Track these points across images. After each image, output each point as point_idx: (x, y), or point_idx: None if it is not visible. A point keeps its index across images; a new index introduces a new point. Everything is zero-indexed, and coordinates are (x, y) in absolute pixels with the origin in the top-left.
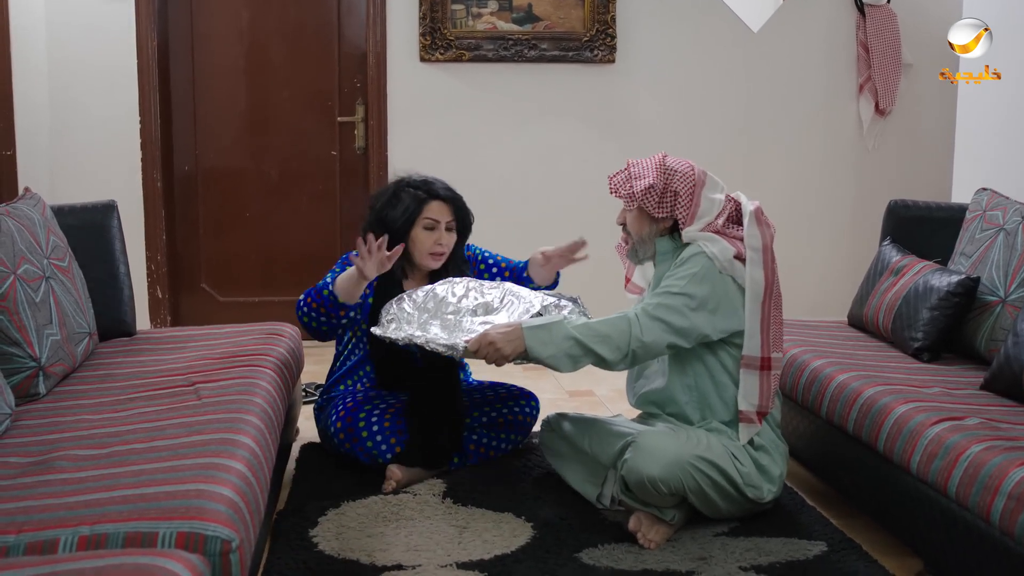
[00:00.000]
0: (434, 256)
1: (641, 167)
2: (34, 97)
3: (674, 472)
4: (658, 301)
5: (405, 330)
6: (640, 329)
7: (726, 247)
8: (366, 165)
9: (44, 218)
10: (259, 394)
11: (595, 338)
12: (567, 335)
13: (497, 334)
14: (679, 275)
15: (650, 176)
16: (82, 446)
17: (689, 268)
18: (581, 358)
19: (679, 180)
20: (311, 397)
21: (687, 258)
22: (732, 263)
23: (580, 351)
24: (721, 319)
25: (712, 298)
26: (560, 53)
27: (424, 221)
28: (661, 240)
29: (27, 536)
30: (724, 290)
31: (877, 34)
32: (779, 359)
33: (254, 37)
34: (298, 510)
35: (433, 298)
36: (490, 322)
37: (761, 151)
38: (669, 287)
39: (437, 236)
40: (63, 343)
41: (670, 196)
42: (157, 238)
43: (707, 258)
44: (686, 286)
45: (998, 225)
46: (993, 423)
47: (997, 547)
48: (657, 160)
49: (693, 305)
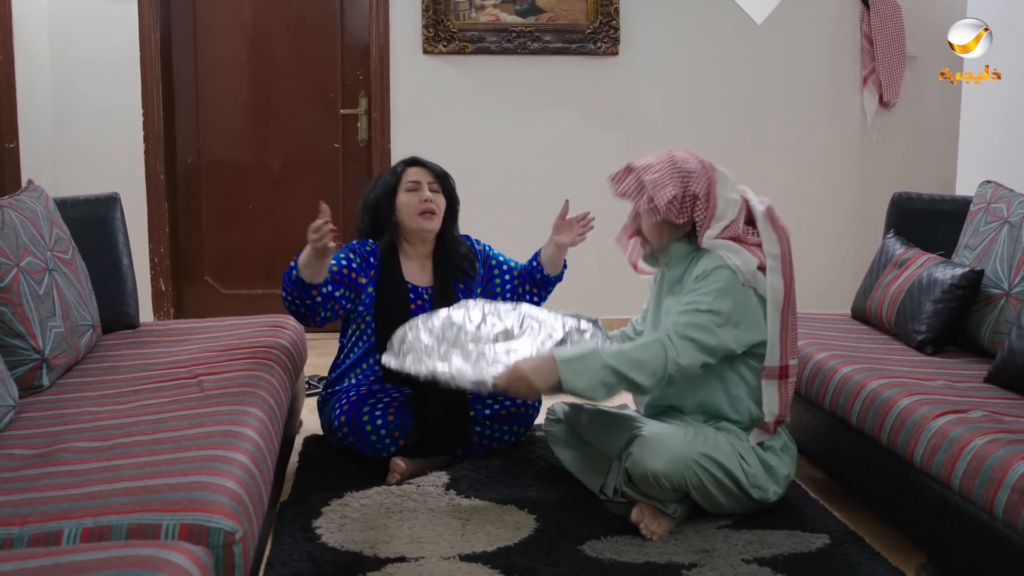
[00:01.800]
0: (424, 216)
1: (654, 172)
2: (37, 89)
3: (678, 468)
4: (687, 320)
5: (426, 364)
6: (676, 351)
7: (749, 259)
8: (369, 158)
9: (47, 210)
10: (262, 386)
11: (631, 365)
12: (602, 364)
13: (529, 368)
14: (704, 290)
15: (669, 185)
16: (85, 438)
17: (714, 283)
18: (616, 386)
19: (695, 182)
20: (314, 390)
21: (710, 271)
22: (755, 275)
23: (616, 379)
24: (745, 332)
25: (736, 312)
26: (563, 45)
27: (405, 184)
28: (677, 245)
29: (31, 528)
30: (747, 303)
31: (881, 26)
32: (795, 365)
33: (257, 29)
34: (301, 502)
35: (450, 326)
36: (513, 350)
37: (765, 143)
38: (696, 304)
39: (421, 195)
40: (66, 335)
41: (689, 200)
42: (160, 230)
43: (731, 271)
44: (712, 302)
45: (1002, 218)
46: (997, 416)
47: (1000, 540)
48: (667, 161)
49: (720, 322)
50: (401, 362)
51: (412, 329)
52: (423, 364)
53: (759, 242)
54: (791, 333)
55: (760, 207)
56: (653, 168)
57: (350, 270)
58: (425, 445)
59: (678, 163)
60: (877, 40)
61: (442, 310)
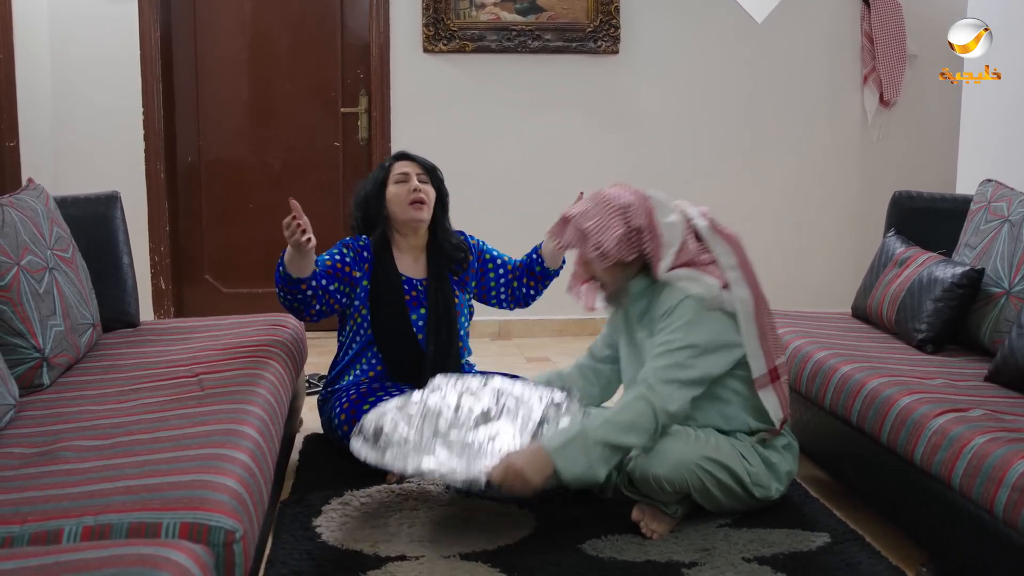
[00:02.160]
0: (414, 205)
1: (592, 218)
2: (37, 88)
3: (680, 473)
4: (664, 363)
5: (411, 461)
6: (661, 400)
7: (710, 283)
8: (369, 156)
9: (47, 209)
10: (262, 385)
11: (621, 432)
12: (594, 442)
13: (522, 463)
14: (672, 327)
15: (611, 226)
16: (86, 437)
17: (680, 317)
18: (613, 457)
19: (635, 215)
20: (314, 388)
21: (674, 306)
22: (719, 296)
23: (611, 452)
24: (723, 355)
25: (710, 339)
26: (564, 44)
27: (394, 177)
28: (634, 282)
29: (31, 526)
30: (718, 326)
31: (882, 25)
32: (784, 363)
33: (257, 28)
34: (301, 501)
35: (427, 415)
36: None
37: (765, 142)
38: (668, 343)
39: (410, 185)
40: (67, 334)
41: (634, 235)
42: (160, 229)
43: (694, 301)
44: (684, 337)
45: (1003, 216)
46: (997, 415)
47: (1001, 538)
48: (601, 203)
49: (696, 353)
50: (379, 456)
51: (388, 419)
52: (408, 461)
53: (713, 258)
54: (770, 334)
55: (702, 221)
56: (590, 214)
57: (343, 263)
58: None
59: (612, 201)
60: (878, 39)
61: (415, 394)
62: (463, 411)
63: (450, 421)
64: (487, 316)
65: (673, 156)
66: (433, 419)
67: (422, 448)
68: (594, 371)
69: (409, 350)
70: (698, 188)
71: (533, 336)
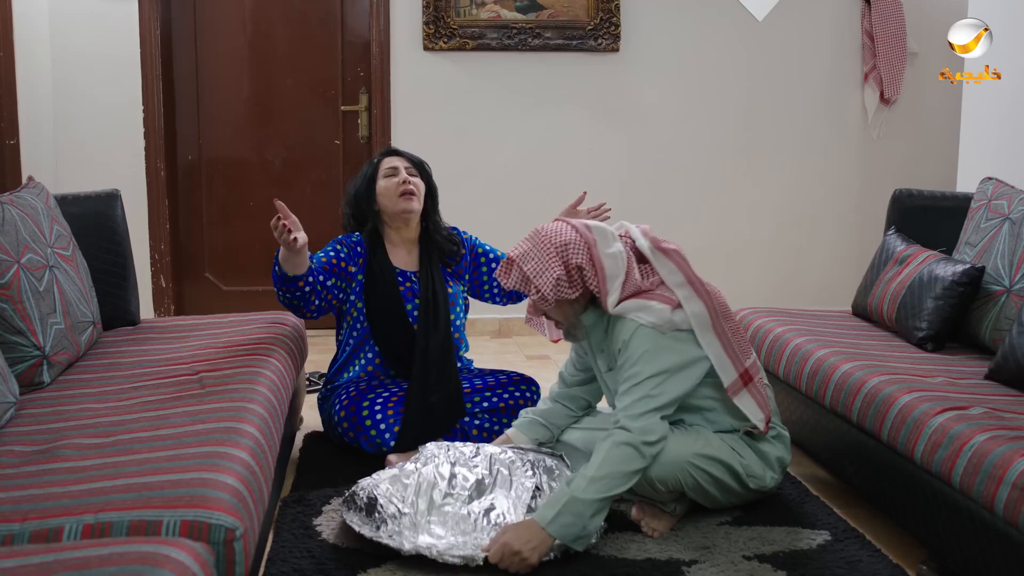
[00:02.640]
0: (405, 197)
1: (531, 260)
2: (37, 86)
3: (672, 472)
4: (632, 399)
5: (407, 539)
6: (641, 435)
7: (661, 309)
8: (370, 154)
9: (48, 207)
10: (263, 383)
11: (612, 482)
12: (588, 502)
13: (520, 542)
14: (632, 360)
15: (549, 268)
16: (86, 435)
17: (637, 348)
18: (607, 506)
19: (574, 253)
20: (315, 386)
21: (628, 339)
22: (672, 319)
23: (606, 503)
24: (690, 372)
25: (672, 362)
26: (564, 42)
27: (383, 172)
28: (585, 315)
29: (32, 524)
30: (678, 348)
31: (882, 22)
32: (754, 361)
33: (257, 26)
34: (302, 499)
35: (421, 486)
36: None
37: (765, 140)
38: (631, 377)
39: (400, 177)
40: (67, 332)
41: (575, 273)
42: (161, 227)
43: (648, 329)
44: (646, 367)
45: (1003, 214)
46: (998, 413)
47: (1001, 537)
48: (540, 243)
49: (662, 379)
50: (374, 531)
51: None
52: (404, 539)
53: (660, 280)
54: (734, 338)
55: (644, 241)
56: (530, 255)
57: (339, 259)
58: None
59: (551, 239)
60: (878, 36)
61: (407, 465)
62: (457, 481)
63: (444, 491)
64: (487, 314)
65: (673, 154)
66: (428, 491)
67: (418, 524)
68: (570, 398)
69: (405, 341)
70: (698, 186)
71: (533, 334)
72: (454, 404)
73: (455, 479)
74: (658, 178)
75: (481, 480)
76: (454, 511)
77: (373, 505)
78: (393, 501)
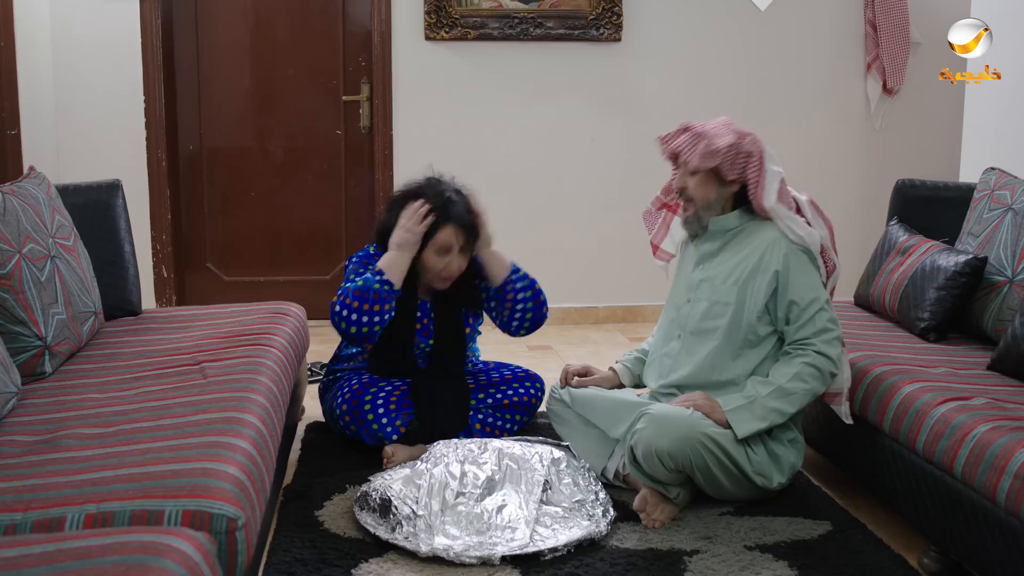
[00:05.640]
0: (443, 280)
1: (711, 127)
2: (38, 76)
3: (683, 447)
4: (818, 327)
5: (424, 541)
6: (826, 356)
7: (810, 231)
8: (371, 144)
9: (49, 197)
10: (264, 373)
11: (793, 402)
12: (768, 409)
13: (709, 407)
14: (806, 285)
15: (727, 135)
16: (88, 425)
17: (807, 274)
18: (780, 419)
19: (750, 142)
20: (316, 376)
21: (799, 264)
22: (818, 241)
23: (778, 416)
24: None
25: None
26: (566, 32)
27: (437, 244)
28: (728, 217)
29: (34, 514)
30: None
31: (885, 12)
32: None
33: (259, 15)
34: (303, 489)
35: (433, 487)
36: (500, 504)
37: (768, 130)
38: (814, 302)
39: (448, 261)
40: (69, 322)
41: (743, 157)
42: (162, 217)
43: (808, 255)
44: (820, 296)
45: (1006, 205)
46: (1000, 403)
47: (1003, 527)
48: (722, 122)
49: (830, 305)
50: (390, 533)
51: (395, 492)
52: (420, 541)
53: (807, 221)
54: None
55: (803, 196)
56: (709, 124)
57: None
58: (426, 434)
59: (733, 124)
60: (881, 26)
61: (419, 465)
62: (468, 478)
63: (456, 491)
64: None
65: None
66: (440, 491)
67: (433, 525)
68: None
69: (404, 370)
70: None
71: None
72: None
73: (466, 477)
74: (660, 169)
75: (491, 476)
76: (467, 510)
77: (387, 506)
78: (407, 502)
